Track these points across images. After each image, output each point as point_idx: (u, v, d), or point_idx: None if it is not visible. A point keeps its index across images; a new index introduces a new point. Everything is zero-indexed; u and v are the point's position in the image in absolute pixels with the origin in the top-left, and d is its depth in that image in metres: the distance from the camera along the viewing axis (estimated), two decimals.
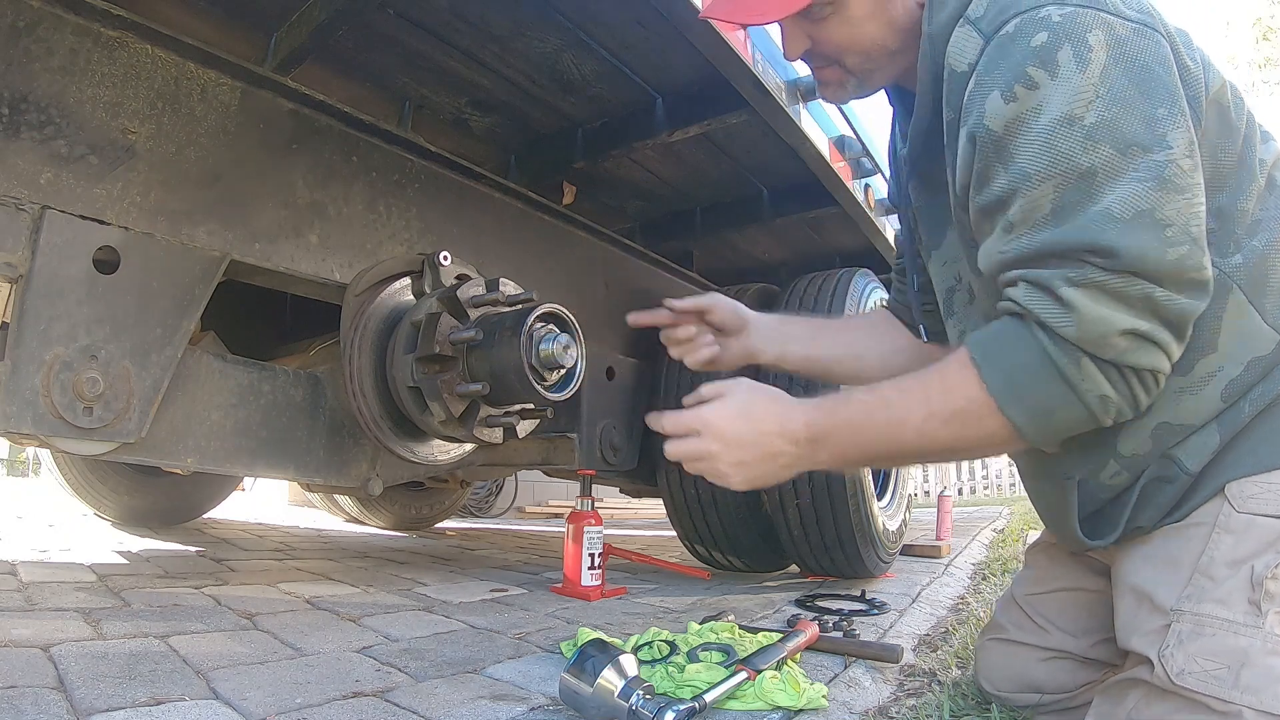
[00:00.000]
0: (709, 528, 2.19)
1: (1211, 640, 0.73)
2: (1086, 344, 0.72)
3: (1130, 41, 0.72)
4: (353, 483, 1.60)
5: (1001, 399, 0.75)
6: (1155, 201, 0.69)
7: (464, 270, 1.60)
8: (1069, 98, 0.71)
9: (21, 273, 1.10)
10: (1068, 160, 0.71)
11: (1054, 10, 0.73)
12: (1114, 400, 0.74)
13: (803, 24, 0.91)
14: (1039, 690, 1.03)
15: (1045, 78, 0.72)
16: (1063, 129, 0.71)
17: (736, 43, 1.40)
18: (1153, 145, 0.70)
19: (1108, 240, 0.70)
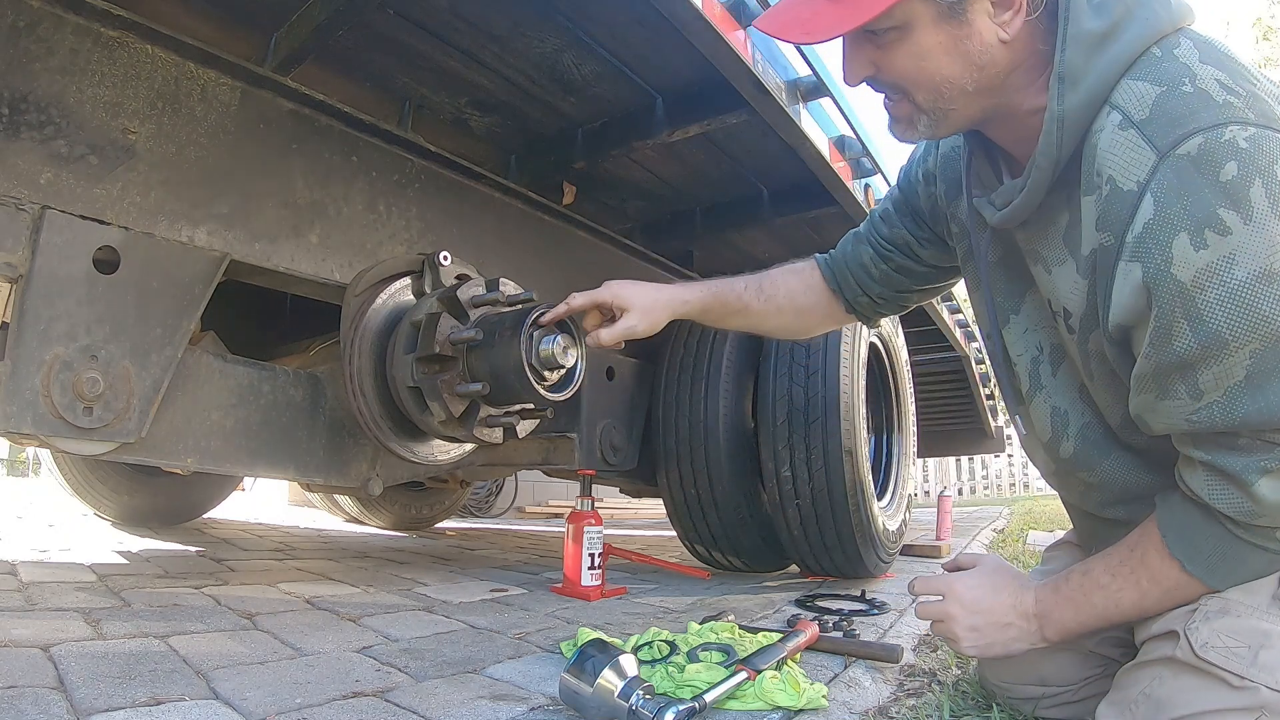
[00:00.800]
0: (709, 528, 2.19)
1: (1236, 620, 0.75)
2: (1273, 524, 0.74)
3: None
4: (353, 483, 1.60)
5: (1209, 580, 0.79)
6: None
7: (464, 270, 1.60)
8: (1266, 248, 0.64)
9: (21, 273, 1.10)
10: (1268, 325, 0.65)
11: (1238, 132, 0.66)
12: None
13: (867, 48, 0.83)
14: (1043, 683, 1.03)
15: (1238, 222, 0.65)
16: (1262, 287, 0.65)
17: (736, 43, 1.40)
18: None
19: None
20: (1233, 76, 0.70)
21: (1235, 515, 0.74)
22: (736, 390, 2.09)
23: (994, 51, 0.80)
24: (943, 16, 0.78)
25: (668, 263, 2.58)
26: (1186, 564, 0.79)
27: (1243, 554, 0.77)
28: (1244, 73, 0.71)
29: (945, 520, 3.34)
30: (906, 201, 1.16)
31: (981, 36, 0.79)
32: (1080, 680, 1.02)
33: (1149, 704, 0.78)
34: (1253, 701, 0.71)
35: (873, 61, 0.84)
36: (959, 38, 0.79)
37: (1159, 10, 0.75)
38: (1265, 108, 0.68)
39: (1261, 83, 0.71)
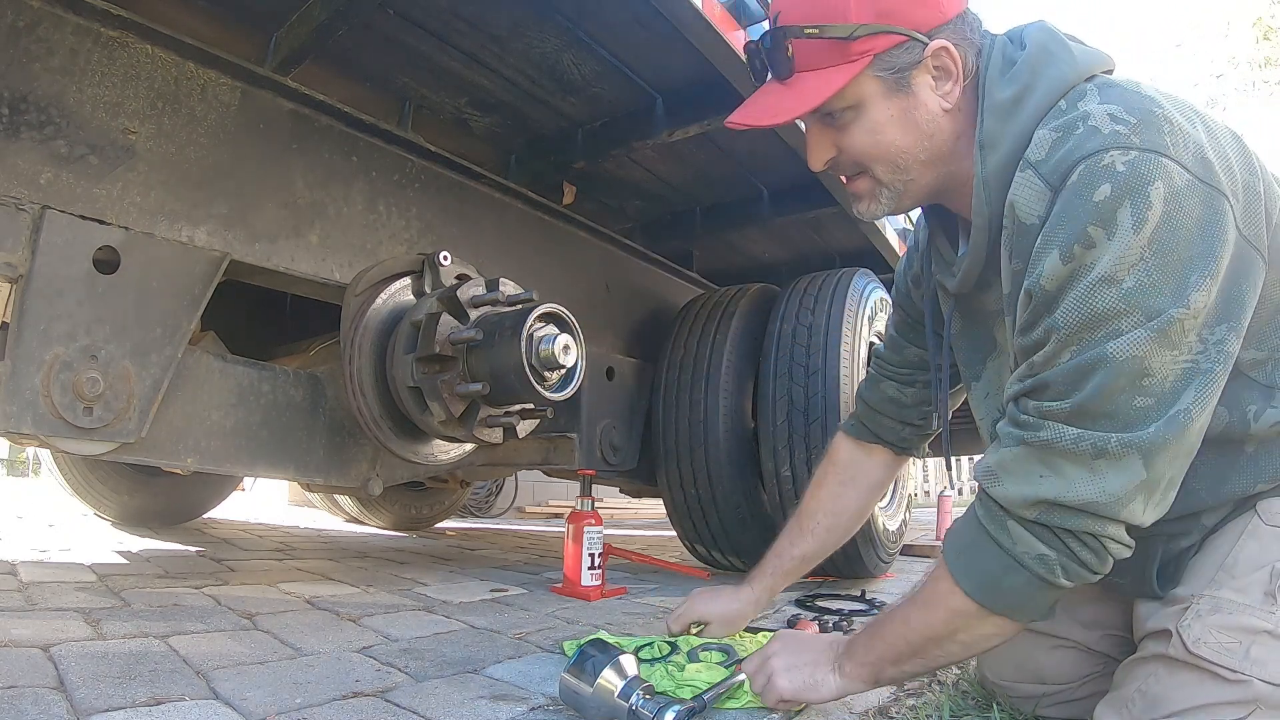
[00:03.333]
0: (709, 528, 2.19)
1: (1228, 617, 0.76)
2: (1008, 504, 0.76)
3: (1184, 196, 0.70)
4: (353, 483, 1.60)
5: (954, 572, 0.81)
6: (1150, 353, 0.70)
7: (464, 270, 1.60)
8: (1117, 258, 0.70)
9: (21, 273, 1.10)
10: (1097, 324, 0.71)
11: (1118, 157, 0.71)
12: (1054, 559, 0.75)
13: (828, 131, 0.90)
14: (1042, 680, 1.03)
15: (1103, 237, 0.71)
16: (1101, 288, 0.71)
17: (736, 42, 1.40)
18: (1171, 307, 0.70)
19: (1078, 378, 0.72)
20: (1128, 108, 0.74)
21: (980, 480, 0.77)
22: (736, 390, 2.09)
23: (940, 120, 0.87)
24: (890, 91, 0.85)
25: (668, 263, 2.58)
26: (952, 569, 0.81)
27: (983, 546, 0.78)
28: (1145, 102, 0.74)
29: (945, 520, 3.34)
30: (906, 317, 1.18)
31: (927, 106, 0.86)
32: (1080, 678, 1.02)
33: (1144, 701, 0.79)
34: (1246, 695, 0.72)
35: (834, 144, 0.90)
36: (907, 109, 0.86)
37: (1064, 69, 0.82)
38: (1154, 135, 0.71)
39: (1165, 110, 0.74)
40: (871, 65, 0.84)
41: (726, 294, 2.29)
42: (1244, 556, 0.79)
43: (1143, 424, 0.71)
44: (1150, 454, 0.71)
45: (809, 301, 2.10)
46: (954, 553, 0.82)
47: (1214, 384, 0.73)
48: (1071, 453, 0.73)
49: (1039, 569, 0.75)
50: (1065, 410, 0.73)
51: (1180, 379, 0.71)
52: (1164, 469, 0.73)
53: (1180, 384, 0.72)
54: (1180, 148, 0.71)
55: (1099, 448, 0.72)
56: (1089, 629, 1.03)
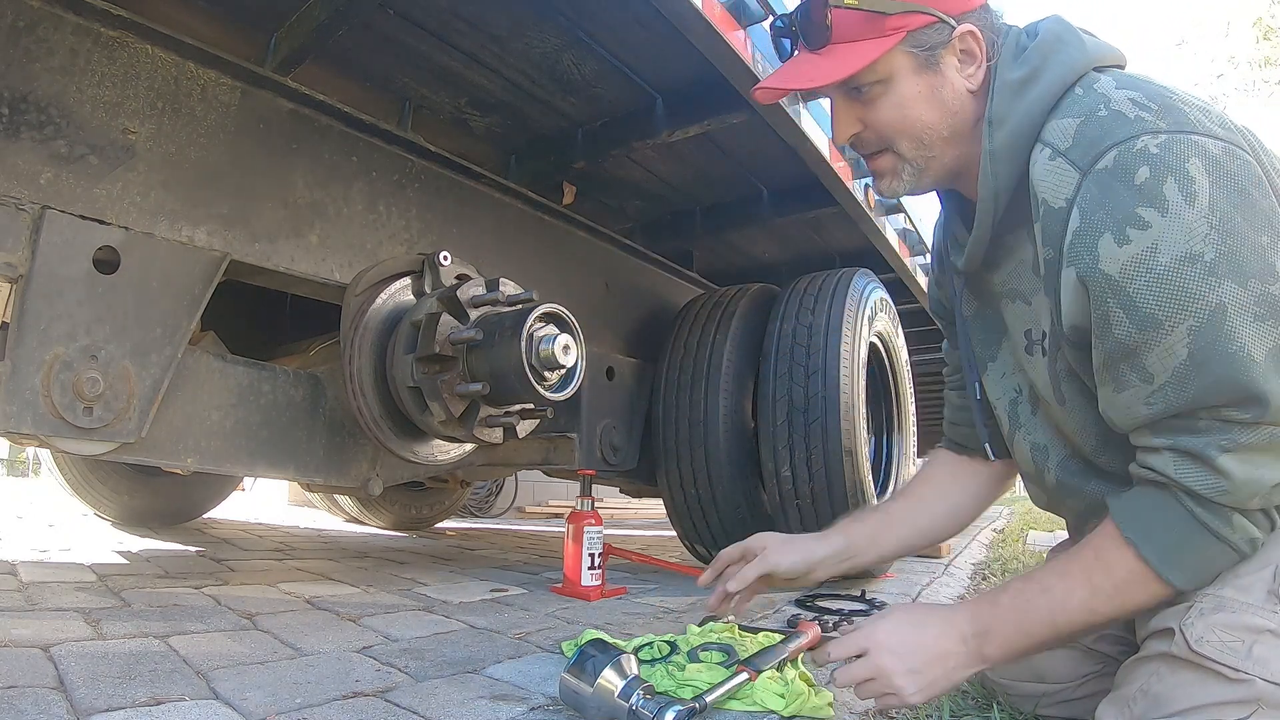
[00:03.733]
0: (709, 528, 2.19)
1: (1230, 615, 0.75)
2: (1238, 504, 0.74)
3: (1224, 164, 0.72)
4: (353, 483, 1.60)
5: (1163, 569, 0.78)
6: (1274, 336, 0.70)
7: (464, 270, 1.60)
8: (1184, 235, 0.70)
9: (21, 273, 1.10)
10: (1197, 301, 0.70)
11: (1150, 141, 0.73)
12: (1260, 537, 0.76)
13: (853, 106, 0.92)
14: (1041, 679, 1.03)
15: (1156, 216, 0.71)
16: (1185, 268, 0.71)
17: (736, 43, 1.40)
18: (1266, 276, 0.70)
19: (1256, 387, 0.70)
20: (1147, 95, 0.76)
21: (1202, 490, 0.74)
22: (736, 390, 2.09)
23: (964, 99, 0.89)
24: (920, 67, 0.88)
25: (668, 263, 2.58)
26: (1142, 548, 0.78)
27: (1199, 542, 0.77)
28: (1161, 91, 0.77)
29: None
30: (944, 323, 1.18)
31: (953, 85, 0.89)
32: (1079, 677, 1.02)
33: (1146, 700, 0.79)
34: (1248, 694, 0.72)
35: (859, 118, 0.93)
36: (935, 85, 0.89)
37: (1075, 54, 0.84)
38: (1179, 116, 0.74)
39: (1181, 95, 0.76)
40: (904, 41, 0.87)
41: (726, 294, 2.28)
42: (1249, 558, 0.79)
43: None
44: None
45: (809, 301, 2.10)
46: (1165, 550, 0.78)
47: None
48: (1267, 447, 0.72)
49: (1247, 549, 0.77)
50: (1249, 419, 0.72)
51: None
52: None
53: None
54: (1206, 121, 0.73)
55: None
56: None
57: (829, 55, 0.89)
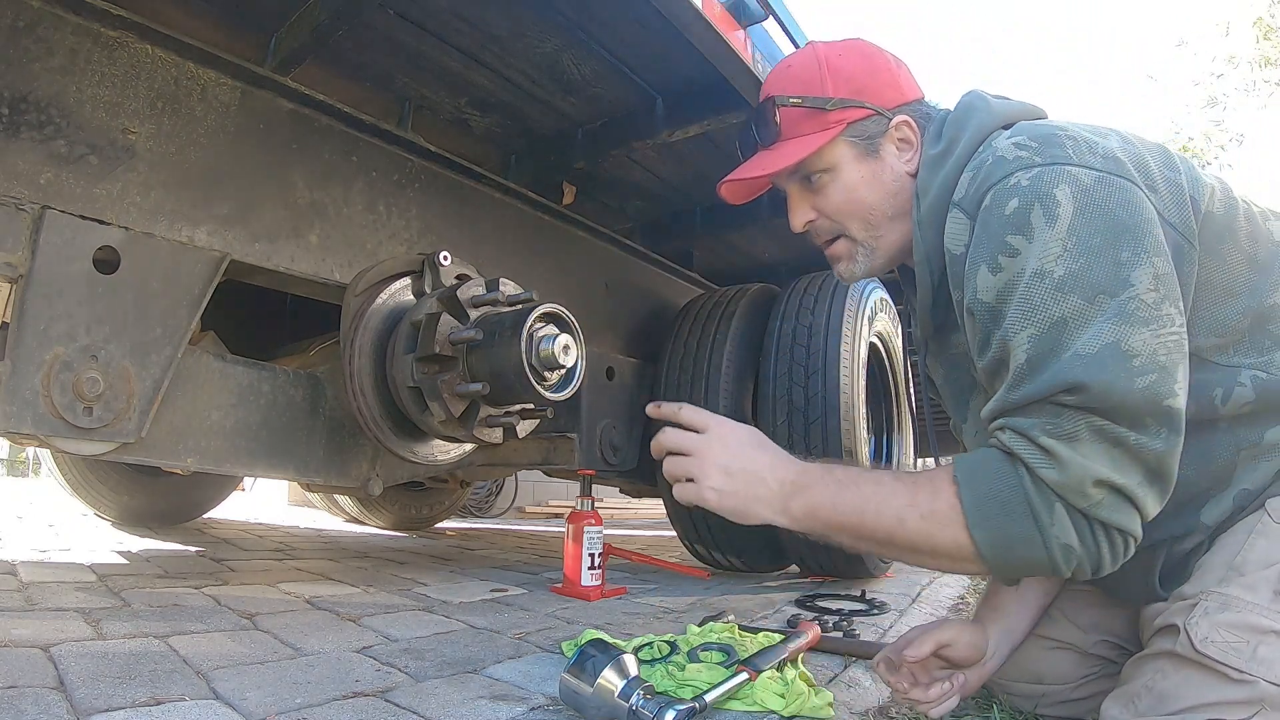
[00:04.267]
0: (709, 528, 2.19)
1: (1235, 615, 0.76)
2: (1064, 490, 0.75)
3: (1095, 190, 0.77)
4: (353, 483, 1.60)
5: (971, 519, 0.79)
6: (1120, 334, 0.73)
7: (464, 270, 1.60)
8: (1041, 254, 0.76)
9: (21, 273, 1.10)
10: (1040, 312, 0.76)
11: (1022, 175, 0.79)
12: (1077, 553, 0.76)
13: (807, 195, 1.02)
14: (1040, 680, 1.04)
15: (1024, 242, 0.77)
16: (1035, 283, 0.76)
17: (736, 43, 1.41)
18: (1117, 288, 0.74)
19: (1075, 376, 0.73)
20: (1032, 137, 0.82)
21: (1034, 464, 0.76)
22: (736, 390, 2.09)
23: (903, 181, 0.98)
24: (862, 155, 0.98)
25: (668, 263, 2.58)
26: (964, 491, 0.79)
27: (1015, 510, 0.77)
28: (1050, 133, 0.82)
29: None
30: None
31: (893, 169, 0.98)
32: (1078, 679, 1.02)
33: (1151, 696, 0.79)
34: (1252, 695, 0.72)
35: (812, 206, 1.01)
36: (876, 171, 0.98)
37: (982, 119, 0.92)
38: (1056, 151, 0.79)
39: (1073, 134, 0.81)
40: (845, 132, 0.97)
41: (726, 294, 2.29)
42: (1254, 555, 0.79)
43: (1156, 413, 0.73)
44: (1162, 456, 0.74)
45: (809, 301, 2.10)
46: (981, 498, 0.79)
47: (1185, 367, 0.76)
48: (1096, 441, 0.74)
49: (1060, 557, 0.76)
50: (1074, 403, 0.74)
51: (1172, 351, 0.74)
52: (1171, 467, 0.76)
53: (1175, 357, 0.74)
54: (1085, 154, 0.79)
55: (1118, 439, 0.74)
56: (1087, 632, 1.03)
57: (779, 148, 1.00)
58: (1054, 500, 0.75)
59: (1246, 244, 0.83)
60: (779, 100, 0.99)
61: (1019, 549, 0.77)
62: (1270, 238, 0.86)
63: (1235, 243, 0.83)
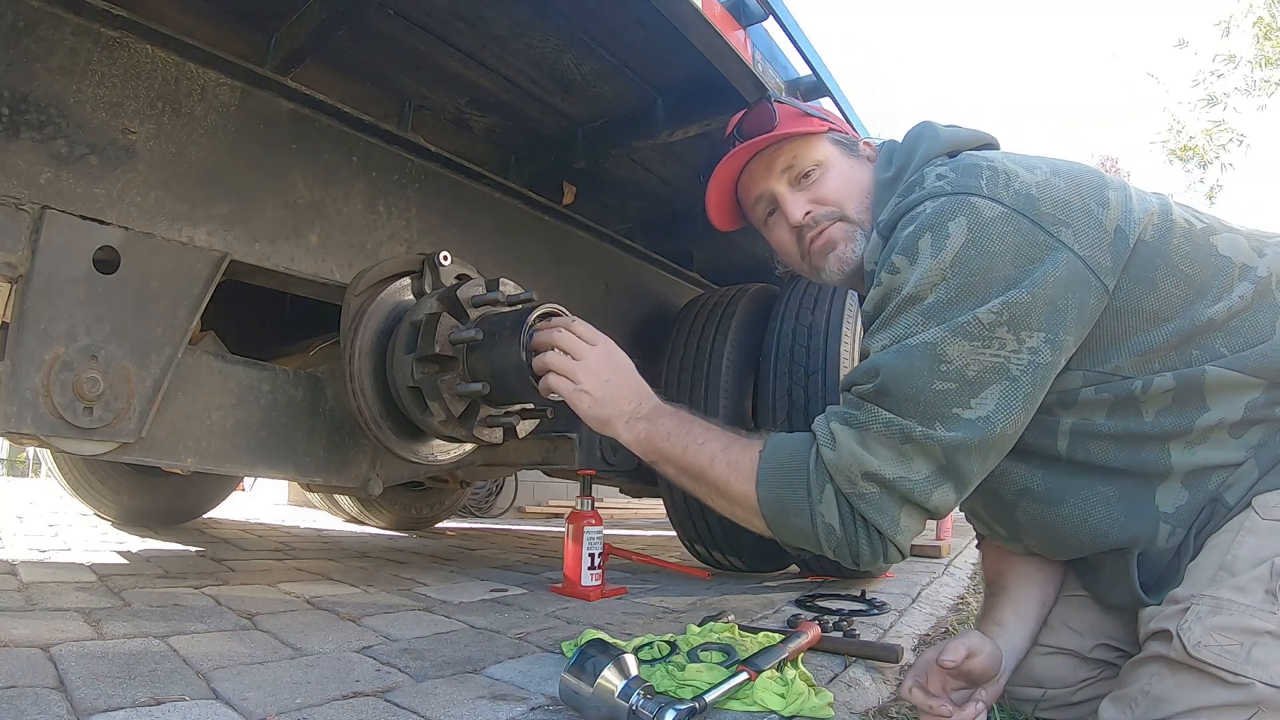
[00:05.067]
0: (709, 528, 2.19)
1: (1228, 618, 0.76)
2: (835, 471, 0.83)
3: (994, 225, 0.80)
4: (353, 483, 1.60)
5: (760, 476, 0.89)
6: (941, 340, 0.78)
7: (464, 270, 1.60)
8: (917, 280, 0.81)
9: (21, 273, 1.10)
10: (898, 329, 0.82)
11: (929, 204, 0.84)
12: (837, 534, 0.84)
13: (801, 192, 1.07)
14: (1039, 684, 1.04)
15: (905, 263, 0.83)
16: (906, 307, 0.82)
17: (736, 42, 1.41)
18: (965, 310, 0.79)
19: (882, 361, 0.81)
20: (954, 167, 0.87)
21: (820, 439, 0.86)
22: (736, 390, 2.09)
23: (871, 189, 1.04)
24: (846, 153, 1.08)
25: (668, 263, 2.58)
26: (763, 453, 0.90)
27: (793, 478, 0.86)
28: (974, 161, 0.86)
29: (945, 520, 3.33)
30: None
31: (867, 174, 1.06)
32: (1077, 682, 1.02)
33: (1148, 701, 0.79)
34: (1248, 697, 0.72)
35: (808, 200, 1.06)
36: (857, 169, 1.07)
37: (929, 146, 0.97)
38: (970, 182, 0.83)
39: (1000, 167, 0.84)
40: (828, 134, 1.08)
41: (726, 294, 2.28)
42: (1243, 554, 0.79)
43: (945, 416, 0.79)
44: (952, 451, 0.79)
45: (809, 301, 2.10)
46: (771, 463, 0.89)
47: (1021, 395, 0.80)
48: (883, 435, 0.81)
49: (822, 534, 0.85)
50: (872, 391, 0.82)
51: (986, 371, 0.79)
52: (967, 465, 0.81)
53: (986, 377, 0.79)
54: (998, 188, 0.82)
55: (905, 434, 0.80)
56: (1084, 637, 1.03)
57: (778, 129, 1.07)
58: (827, 481, 0.84)
59: (1184, 265, 0.85)
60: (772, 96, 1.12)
61: (790, 515, 0.86)
62: (1213, 251, 0.87)
63: (1170, 267, 0.85)
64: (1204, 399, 0.84)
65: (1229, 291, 0.85)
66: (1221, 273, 0.85)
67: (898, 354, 0.81)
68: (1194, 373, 0.83)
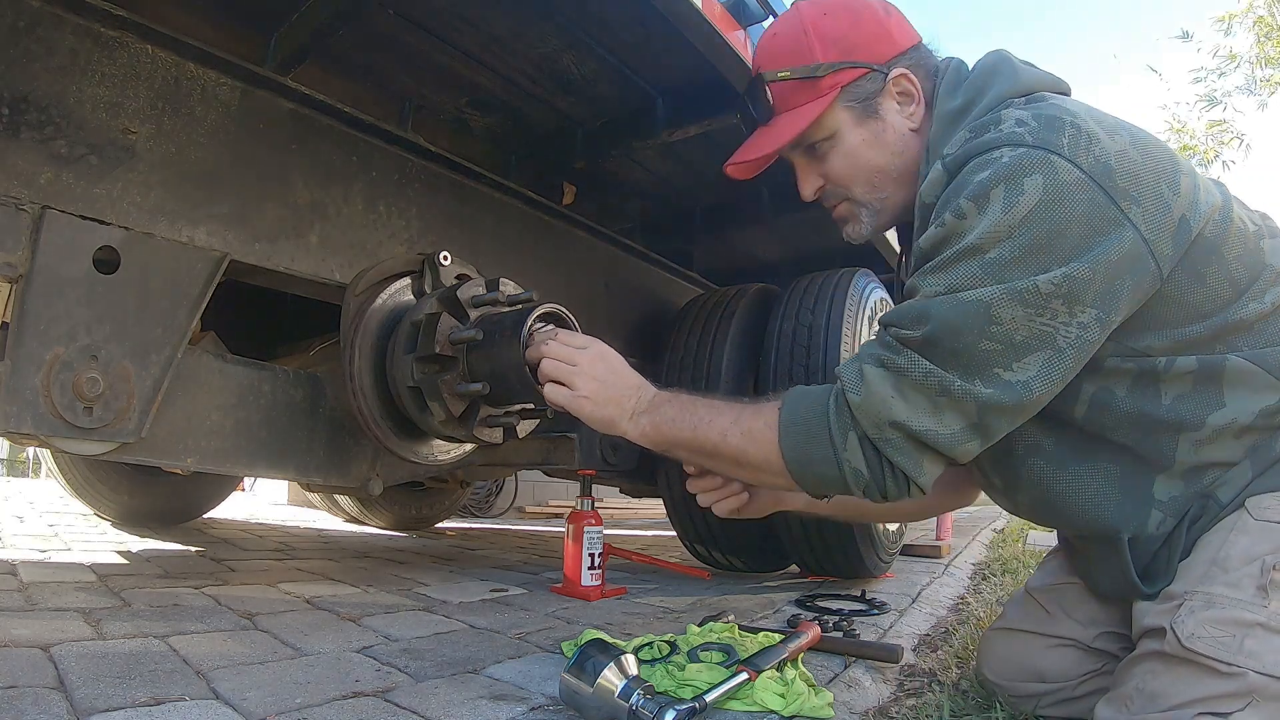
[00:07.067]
0: (709, 528, 2.19)
1: (1221, 611, 0.77)
2: (861, 415, 0.82)
3: (1069, 190, 0.76)
4: (353, 483, 1.60)
5: (782, 433, 0.88)
6: (997, 300, 0.76)
7: (464, 270, 1.60)
8: (983, 231, 0.77)
9: (21, 273, 1.10)
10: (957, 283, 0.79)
11: (1007, 152, 0.79)
12: (866, 478, 0.84)
13: (812, 164, 1.02)
14: (1042, 679, 1.04)
15: (973, 210, 0.79)
16: (966, 256, 0.79)
17: (736, 42, 1.41)
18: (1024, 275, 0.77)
19: (932, 308, 0.79)
20: (1037, 115, 0.81)
21: (845, 383, 0.85)
22: (736, 390, 2.09)
23: (908, 139, 0.97)
24: (861, 117, 0.96)
25: (668, 263, 2.58)
26: (782, 410, 0.89)
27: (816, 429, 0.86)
28: (1057, 112, 0.80)
29: (945, 520, 3.34)
30: None
31: (895, 128, 0.97)
32: (1079, 676, 1.03)
33: (1143, 697, 0.80)
34: (1242, 687, 0.73)
35: (819, 174, 1.02)
36: (877, 131, 0.97)
37: (1005, 84, 0.90)
38: (1052, 137, 0.78)
39: (1081, 122, 0.79)
40: (840, 97, 0.95)
41: (726, 294, 2.28)
42: (1235, 552, 0.80)
43: (986, 374, 0.78)
44: (986, 409, 0.79)
45: (809, 301, 2.10)
46: (792, 421, 0.88)
47: (1063, 367, 0.79)
48: (921, 384, 0.80)
49: (850, 479, 0.85)
50: (917, 339, 0.80)
51: (1034, 338, 0.77)
52: (996, 423, 0.81)
53: (1032, 343, 0.77)
54: (1079, 150, 0.78)
55: (943, 387, 0.79)
56: (1087, 627, 1.04)
57: (776, 124, 0.99)
58: (850, 427, 0.83)
59: (1235, 266, 0.84)
60: (767, 76, 0.98)
61: (816, 466, 0.86)
62: (1260, 256, 0.86)
63: (1221, 265, 0.84)
64: (1221, 390, 0.83)
65: (1262, 295, 0.84)
66: (1261, 277, 0.85)
67: (951, 306, 0.78)
68: (1216, 359, 0.83)
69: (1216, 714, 0.72)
